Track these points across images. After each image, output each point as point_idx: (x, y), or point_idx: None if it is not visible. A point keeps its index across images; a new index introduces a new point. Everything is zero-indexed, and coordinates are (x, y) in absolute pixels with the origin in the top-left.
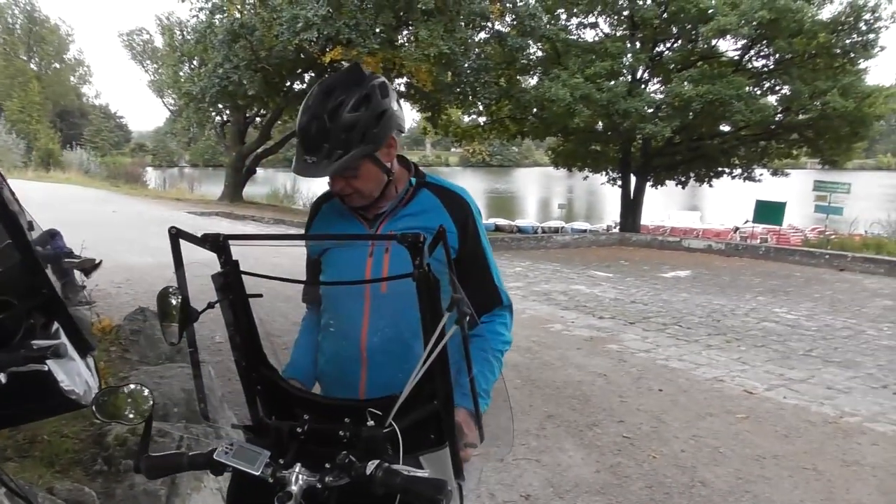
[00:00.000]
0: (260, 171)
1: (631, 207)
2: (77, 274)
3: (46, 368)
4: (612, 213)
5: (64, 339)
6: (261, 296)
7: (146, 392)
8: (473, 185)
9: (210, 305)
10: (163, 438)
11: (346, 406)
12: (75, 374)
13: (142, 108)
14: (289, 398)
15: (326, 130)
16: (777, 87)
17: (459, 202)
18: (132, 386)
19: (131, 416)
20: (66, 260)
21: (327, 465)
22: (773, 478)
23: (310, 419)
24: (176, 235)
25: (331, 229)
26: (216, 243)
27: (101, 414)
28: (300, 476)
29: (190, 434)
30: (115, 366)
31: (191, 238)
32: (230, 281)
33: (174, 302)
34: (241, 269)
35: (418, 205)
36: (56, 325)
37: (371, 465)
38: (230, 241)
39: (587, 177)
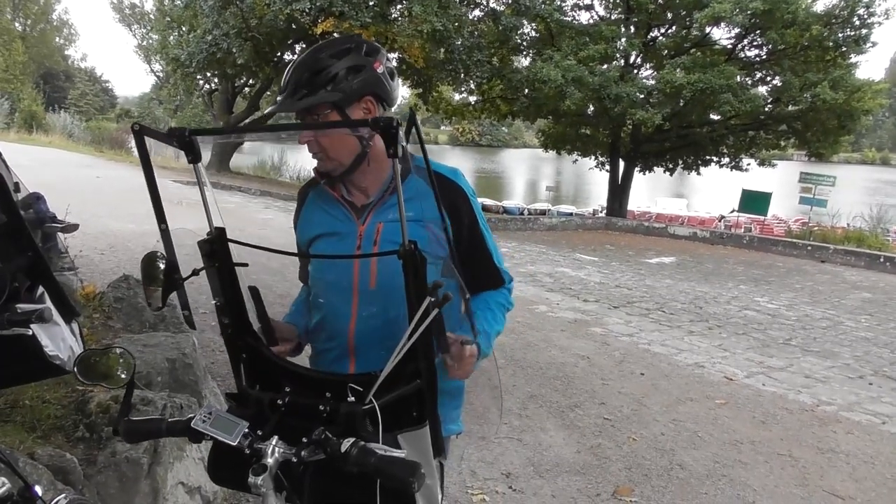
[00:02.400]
0: (247, 142)
1: (618, 192)
2: (60, 238)
3: (31, 332)
4: (598, 196)
5: (49, 303)
6: (247, 265)
7: (128, 356)
8: (462, 164)
9: (195, 272)
10: (146, 407)
11: (329, 380)
12: (60, 340)
13: (128, 73)
14: (273, 369)
15: (300, 72)
16: (768, 78)
17: (453, 188)
18: (115, 349)
19: (113, 378)
20: (50, 224)
21: (304, 440)
22: (749, 463)
23: (291, 391)
24: (140, 132)
25: (318, 220)
26: (182, 139)
27: (83, 375)
28: (276, 449)
29: (173, 403)
30: (98, 333)
31: (155, 134)
32: (216, 248)
33: (160, 266)
34: (229, 237)
35: (408, 192)
36: (41, 290)
37: (346, 443)
38: (197, 137)
39: (576, 160)
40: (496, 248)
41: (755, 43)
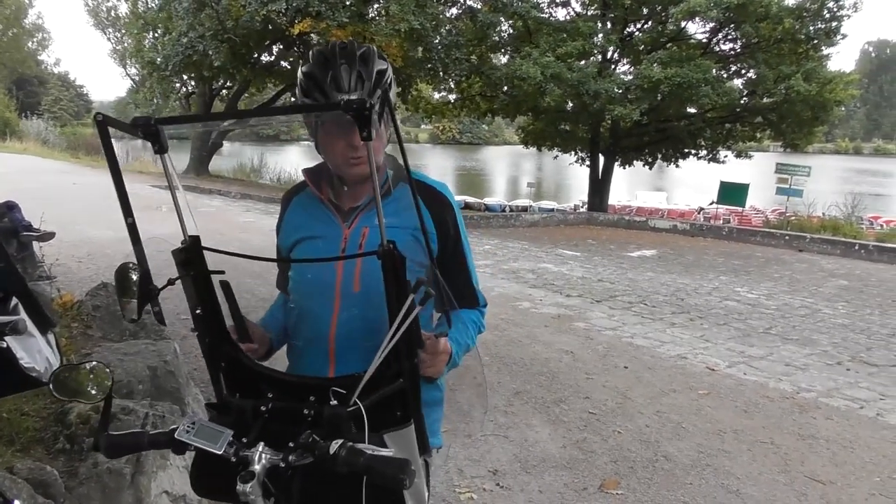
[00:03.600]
0: (226, 145)
1: (599, 187)
2: (36, 247)
3: (5, 345)
4: (579, 191)
5: (23, 314)
6: (223, 272)
7: (106, 369)
8: (443, 163)
9: (170, 282)
10: (127, 416)
11: (311, 384)
12: (35, 351)
13: (103, 78)
14: (253, 376)
15: (357, 71)
16: (743, 71)
17: (440, 200)
18: (92, 363)
19: (91, 393)
20: (25, 233)
21: (291, 444)
22: (732, 451)
23: (274, 397)
24: (103, 122)
25: (302, 223)
26: (147, 128)
27: (59, 392)
28: (263, 455)
29: (155, 412)
30: (77, 342)
31: (119, 124)
32: (191, 257)
33: (134, 277)
34: (204, 244)
35: (396, 201)
36: (14, 301)
37: (334, 445)
38: (163, 126)
39: (557, 156)
40: (474, 269)
41: (730, 37)
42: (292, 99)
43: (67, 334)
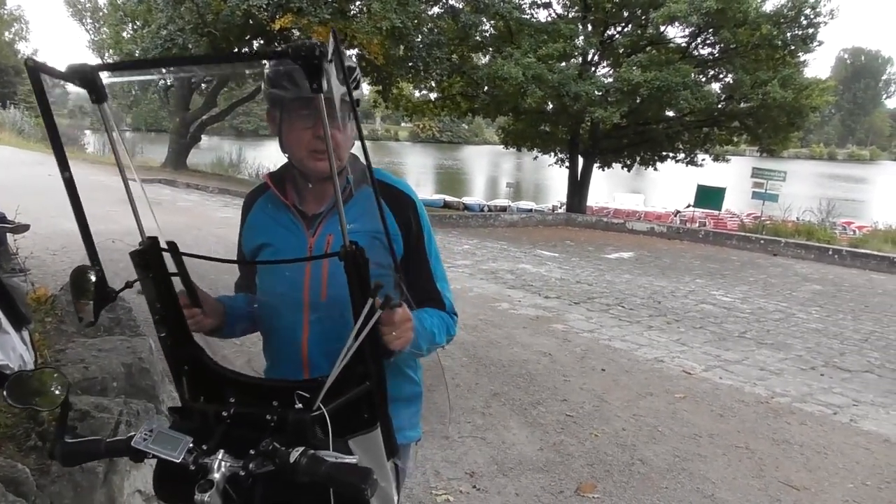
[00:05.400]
0: (205, 139)
1: (577, 188)
2: (10, 239)
3: None
4: (557, 192)
5: None
6: (178, 274)
7: (62, 374)
8: (423, 161)
9: (128, 284)
10: (101, 413)
11: (276, 387)
12: (9, 349)
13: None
14: (217, 379)
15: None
16: (721, 76)
17: (404, 201)
18: (46, 368)
19: (47, 399)
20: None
21: (251, 452)
22: (708, 456)
23: (236, 402)
24: (34, 68)
25: (266, 226)
26: (84, 76)
27: (13, 399)
28: (223, 463)
29: (129, 409)
30: (50, 338)
31: (53, 71)
32: (150, 259)
33: (91, 279)
34: (179, 241)
35: (359, 205)
36: None
37: (295, 453)
38: (102, 73)
39: (536, 157)
40: (442, 271)
41: (708, 41)
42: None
43: (41, 329)
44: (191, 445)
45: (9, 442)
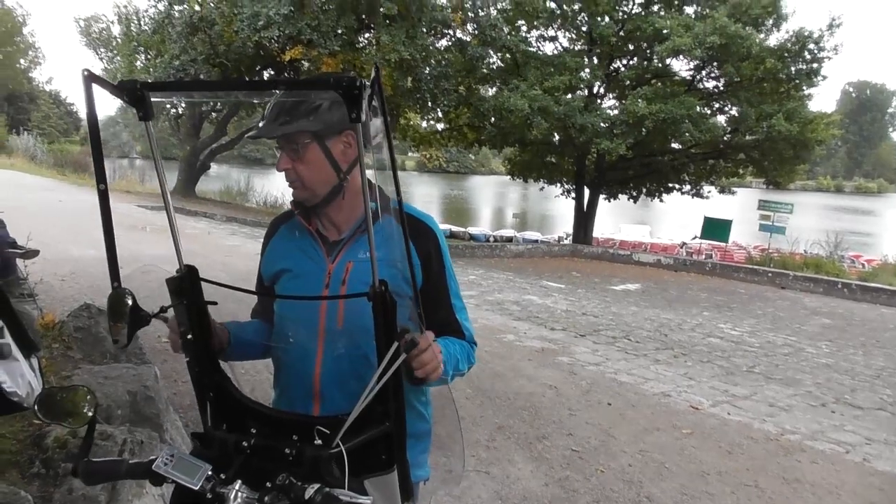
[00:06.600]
0: (214, 167)
1: (583, 219)
2: (20, 265)
3: None
4: (563, 223)
5: (8, 338)
6: (216, 303)
7: (90, 394)
8: (429, 191)
9: (163, 309)
10: (105, 441)
11: (297, 421)
12: (18, 376)
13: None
14: (240, 408)
15: (284, 101)
16: (726, 108)
17: (425, 232)
18: (78, 386)
19: (76, 416)
20: (9, 250)
21: (268, 485)
22: (716, 494)
23: (257, 433)
24: (89, 78)
25: (287, 253)
26: (133, 93)
27: (44, 415)
28: (240, 493)
29: (133, 438)
30: (57, 364)
31: (105, 84)
32: (186, 286)
33: (127, 303)
34: (197, 266)
35: (381, 233)
36: (0, 324)
37: (311, 489)
38: (151, 93)
39: (543, 187)
40: (461, 303)
41: (713, 74)
42: None
43: (48, 355)
44: (209, 473)
45: (13, 468)
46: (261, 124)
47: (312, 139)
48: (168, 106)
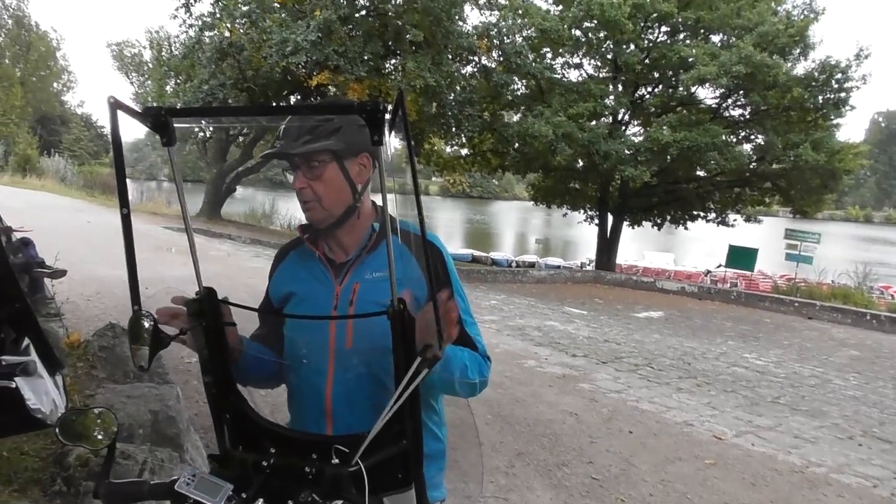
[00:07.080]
0: (240, 190)
1: (607, 246)
2: (48, 284)
3: (14, 385)
4: (586, 249)
5: (34, 356)
6: (234, 324)
7: (112, 415)
8: (453, 215)
9: (183, 331)
10: (126, 461)
11: (314, 441)
12: (43, 393)
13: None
14: (257, 429)
15: (305, 119)
16: (752, 137)
17: (434, 251)
18: (99, 408)
19: (96, 439)
20: (38, 269)
21: (290, 503)
22: None
23: (276, 453)
24: (115, 105)
25: (295, 277)
26: (157, 119)
27: (65, 436)
28: None
29: (154, 458)
30: (81, 382)
31: (130, 110)
32: (205, 307)
33: (146, 325)
34: (216, 288)
35: (384, 253)
36: (27, 341)
37: None
38: (174, 119)
39: (566, 213)
40: (471, 318)
41: (739, 103)
42: None
43: (72, 374)
44: (231, 493)
45: (35, 486)
46: (277, 144)
47: (332, 158)
48: (196, 130)
